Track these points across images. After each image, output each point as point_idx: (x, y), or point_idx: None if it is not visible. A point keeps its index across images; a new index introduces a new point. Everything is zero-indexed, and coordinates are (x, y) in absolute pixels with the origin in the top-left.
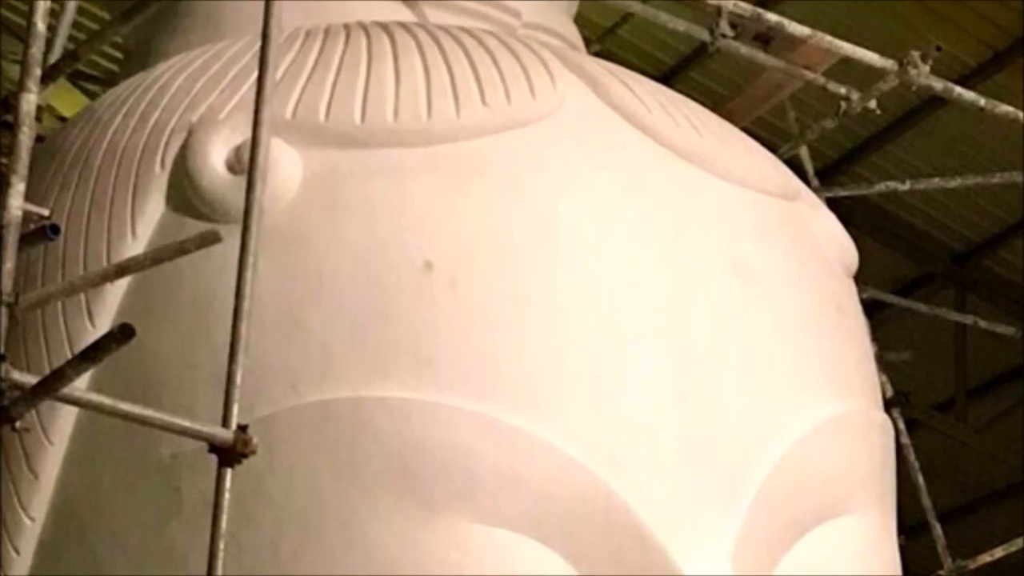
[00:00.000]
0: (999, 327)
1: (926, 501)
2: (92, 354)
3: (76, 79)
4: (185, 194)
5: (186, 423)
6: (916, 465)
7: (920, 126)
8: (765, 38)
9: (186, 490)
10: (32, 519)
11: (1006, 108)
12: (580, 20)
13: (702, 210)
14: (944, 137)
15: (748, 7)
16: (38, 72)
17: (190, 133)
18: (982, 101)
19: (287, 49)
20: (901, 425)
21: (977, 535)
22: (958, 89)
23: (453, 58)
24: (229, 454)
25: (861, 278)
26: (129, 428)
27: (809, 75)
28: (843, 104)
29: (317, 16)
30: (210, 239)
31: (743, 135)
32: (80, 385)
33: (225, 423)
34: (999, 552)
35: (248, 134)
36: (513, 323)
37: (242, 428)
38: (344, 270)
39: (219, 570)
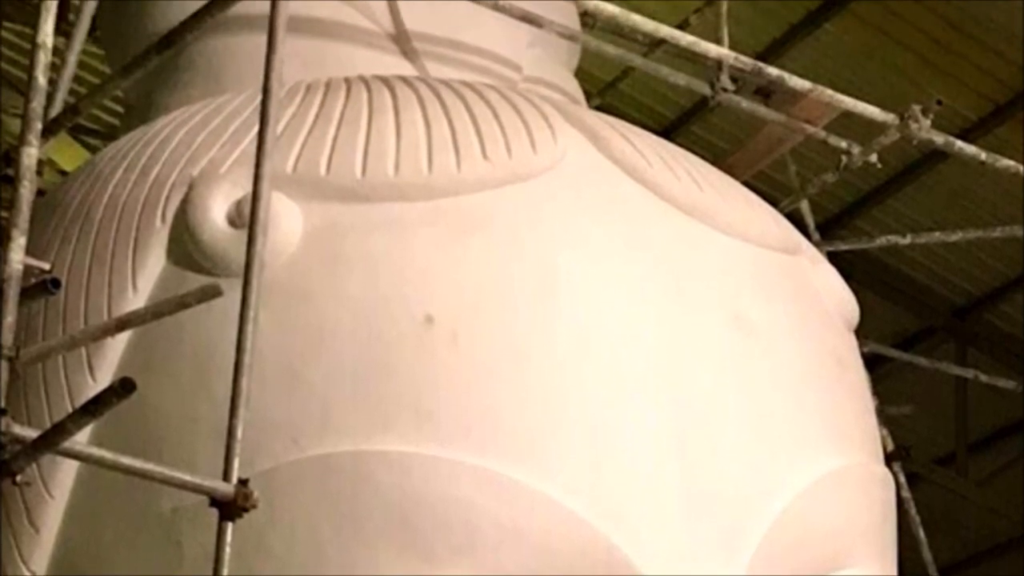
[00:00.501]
0: (1000, 381)
1: (927, 555)
2: (93, 408)
3: (77, 133)
4: (186, 248)
5: (187, 477)
6: (917, 519)
7: (921, 180)
8: (766, 92)
9: (187, 544)
10: (33, 573)
11: (1007, 162)
12: (581, 74)
13: (703, 264)
14: (945, 191)
15: (749, 61)
16: (39, 126)
17: (191, 187)
18: (983, 155)
19: (288, 103)
20: (902, 479)
21: None
22: (959, 143)
23: (454, 112)
24: (230, 508)
25: (862, 332)
26: (130, 482)
27: (810, 129)
28: (844, 158)
29: (318, 70)
30: (211, 293)
31: (744, 189)
32: (81, 439)
33: (226, 477)
34: None
35: (249, 188)
36: (514, 377)
37: (243, 482)
38: (345, 324)
39: None
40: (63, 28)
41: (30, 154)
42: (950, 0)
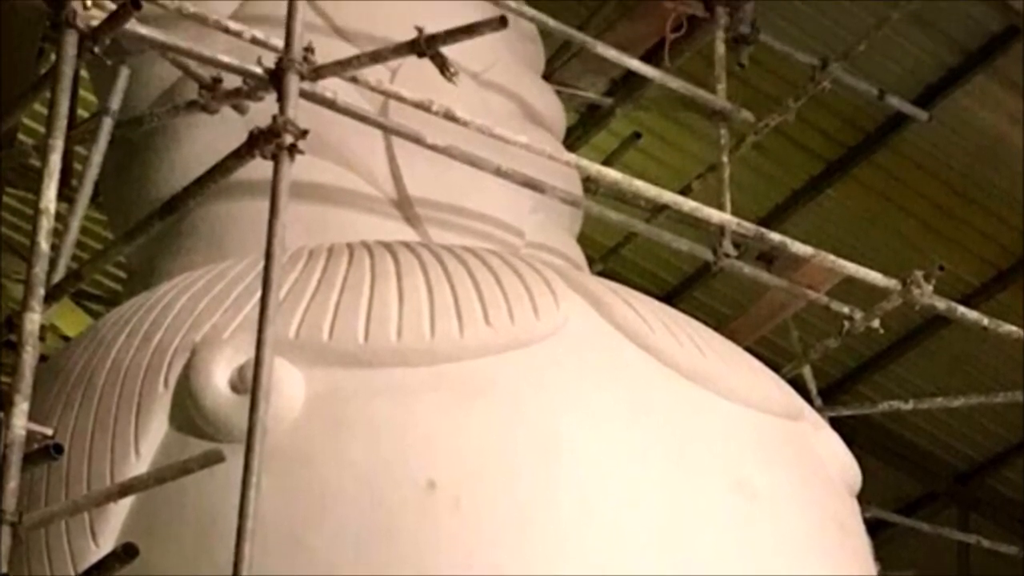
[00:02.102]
0: (1002, 547)
1: None
2: (96, 573)
3: (79, 299)
4: (188, 413)
5: None
6: None
7: (923, 345)
8: (768, 258)
9: None
10: None
11: (1009, 327)
12: (583, 239)
13: (705, 430)
14: (947, 356)
15: (751, 227)
16: (41, 292)
17: (193, 353)
18: (985, 320)
19: (290, 269)
20: None
21: None
22: (961, 308)
23: (456, 278)
24: None
25: (864, 497)
26: None
27: (812, 295)
28: (846, 323)
29: (321, 235)
30: (213, 459)
31: (746, 355)
32: None
33: None
34: None
35: (251, 354)
36: (516, 542)
37: None
38: (347, 489)
39: None
40: (65, 194)
41: (33, 319)
42: (952, 166)
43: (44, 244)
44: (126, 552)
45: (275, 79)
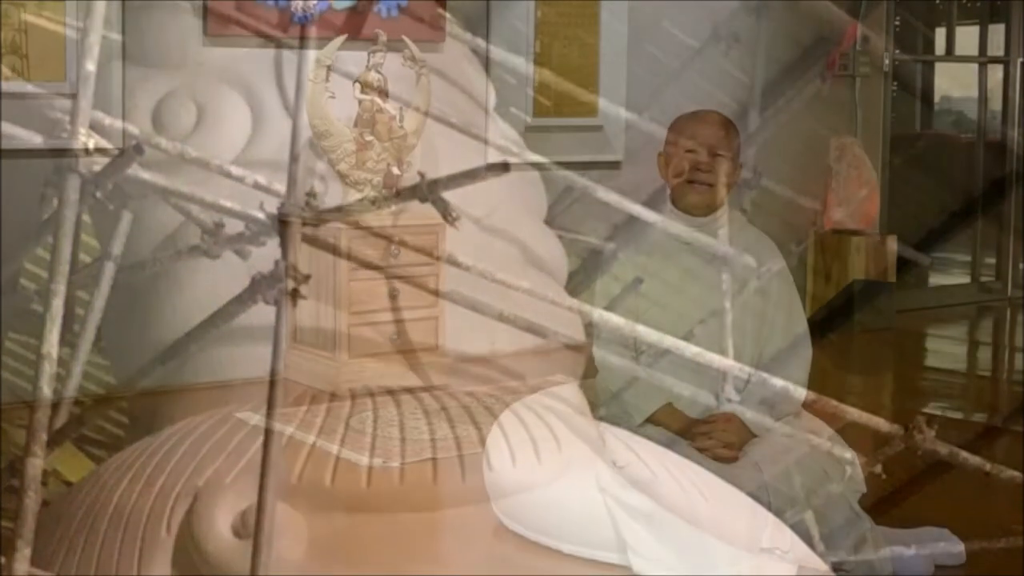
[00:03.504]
0: None
1: None
2: None
3: (82, 444)
4: (191, 559)
5: None
6: None
7: (925, 491)
8: (770, 403)
9: None
10: None
11: (1011, 472)
12: (586, 384)
13: (708, 572)
14: (949, 501)
15: (753, 372)
16: (44, 437)
17: (196, 498)
18: (988, 466)
19: (293, 413)
20: None
21: None
22: (963, 453)
23: (458, 422)
24: None
25: None
26: None
27: (815, 440)
28: (848, 468)
29: (323, 380)
30: None
31: (748, 499)
32: None
33: None
34: None
35: (254, 499)
36: None
37: None
38: None
39: None
40: (67, 339)
41: (35, 464)
42: (955, 308)
43: (46, 389)
44: None
45: (277, 224)
